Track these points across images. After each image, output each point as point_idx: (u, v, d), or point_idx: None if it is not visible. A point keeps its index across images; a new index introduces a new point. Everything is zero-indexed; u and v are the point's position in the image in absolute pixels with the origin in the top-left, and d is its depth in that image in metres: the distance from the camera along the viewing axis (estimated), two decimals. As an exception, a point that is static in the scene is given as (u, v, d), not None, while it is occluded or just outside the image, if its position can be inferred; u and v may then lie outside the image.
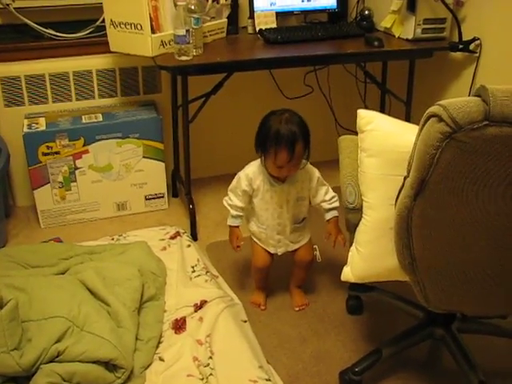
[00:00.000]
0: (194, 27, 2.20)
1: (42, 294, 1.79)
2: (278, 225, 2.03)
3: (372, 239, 1.55)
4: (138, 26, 2.19)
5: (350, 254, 1.62)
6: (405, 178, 1.37)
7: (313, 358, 1.93)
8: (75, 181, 2.55)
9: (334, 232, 2.01)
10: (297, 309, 2.14)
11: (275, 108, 3.02)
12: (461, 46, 2.46)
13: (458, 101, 1.17)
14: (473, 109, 1.14)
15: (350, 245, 1.68)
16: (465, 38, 2.47)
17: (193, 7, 2.18)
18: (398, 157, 1.46)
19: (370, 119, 1.51)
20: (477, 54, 2.46)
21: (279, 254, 2.10)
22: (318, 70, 2.93)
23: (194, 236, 2.54)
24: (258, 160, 1.97)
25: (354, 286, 2.10)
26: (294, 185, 1.96)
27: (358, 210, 1.57)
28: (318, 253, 2.36)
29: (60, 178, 2.52)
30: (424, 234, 1.37)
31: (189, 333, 1.87)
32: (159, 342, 1.83)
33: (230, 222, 2.08)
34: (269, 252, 2.10)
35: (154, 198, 2.74)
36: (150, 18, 2.19)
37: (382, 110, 3.02)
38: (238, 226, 2.08)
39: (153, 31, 2.22)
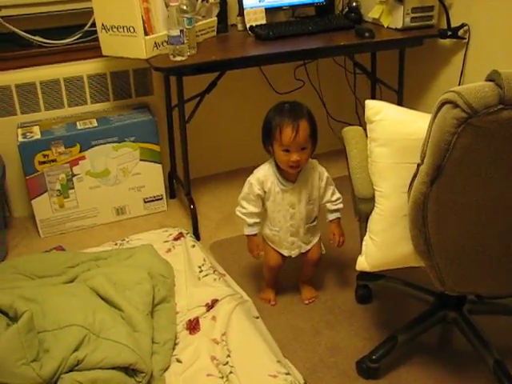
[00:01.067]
0: (188, 27, 2.19)
1: (54, 304, 1.77)
2: (292, 226, 2.01)
3: (386, 227, 1.57)
4: (131, 29, 2.18)
5: (363, 243, 1.64)
6: (418, 165, 1.39)
7: (328, 349, 1.94)
8: (73, 188, 2.54)
9: (338, 233, 2.05)
10: (306, 302, 2.16)
11: (266, 104, 3.04)
12: (449, 33, 2.50)
13: (472, 86, 1.19)
14: (487, 93, 1.16)
15: (363, 235, 1.70)
16: (453, 24, 2.50)
17: (185, 7, 2.18)
18: (409, 144, 1.48)
19: (378, 109, 1.53)
20: (465, 40, 2.50)
21: (293, 256, 2.09)
22: (308, 63, 2.94)
23: (197, 236, 2.53)
24: (267, 163, 1.97)
25: (362, 276, 2.12)
26: (304, 184, 1.95)
27: (370, 200, 1.58)
28: (322, 245, 2.37)
29: (58, 186, 2.50)
30: (440, 219, 1.39)
31: (203, 333, 1.87)
32: (175, 344, 1.84)
33: (248, 231, 2.03)
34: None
35: (152, 201, 2.73)
36: (143, 20, 2.18)
37: (374, 99, 3.05)
38: (255, 235, 2.04)
39: (145, 33, 2.21)
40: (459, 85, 2.58)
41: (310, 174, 1.95)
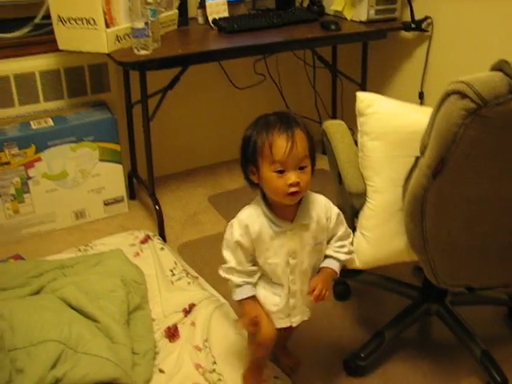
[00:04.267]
0: (152, 19, 2.08)
1: (24, 318, 1.64)
2: (293, 283, 1.47)
3: (379, 223, 1.53)
4: (91, 21, 2.05)
5: (354, 240, 1.59)
6: (417, 158, 1.36)
7: (311, 349, 1.89)
8: (28, 192, 2.37)
9: (327, 286, 1.49)
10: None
11: (227, 100, 2.98)
12: (413, 26, 2.50)
13: (481, 76, 1.16)
14: (498, 83, 1.14)
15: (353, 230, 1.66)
16: (416, 17, 2.51)
17: (148, -2, 2.07)
18: (404, 137, 1.46)
19: (370, 102, 1.49)
20: (429, 33, 2.51)
21: (294, 325, 1.54)
22: (267, 57, 2.88)
23: (163, 238, 2.42)
24: (251, 203, 1.46)
25: (341, 272, 2.09)
26: (307, 222, 1.42)
27: (362, 195, 1.54)
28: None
29: (12, 191, 2.33)
30: (439, 212, 1.37)
31: (184, 339, 1.79)
32: (155, 353, 1.75)
33: (237, 294, 1.45)
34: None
35: (113, 203, 2.60)
36: (103, 11, 2.05)
37: (334, 94, 3.04)
38: (252, 297, 1.46)
39: (106, 26, 2.09)
40: (423, 78, 2.59)
41: (313, 208, 1.43)
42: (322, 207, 1.44)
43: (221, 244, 1.50)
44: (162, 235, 2.43)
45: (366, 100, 1.49)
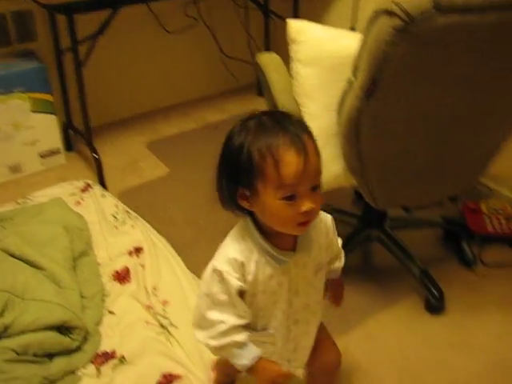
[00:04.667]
0: (75, -41, 2.01)
1: (-35, 272, 1.61)
2: (295, 323, 1.15)
3: (315, 148, 1.56)
4: (10, -38, 1.96)
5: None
6: (350, 82, 1.39)
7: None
8: (-43, 149, 2.29)
9: (342, 293, 1.35)
10: None
11: (160, 45, 2.92)
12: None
13: (406, -6, 1.19)
14: (423, 0, 1.17)
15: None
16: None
17: None
18: (336, 62, 1.48)
19: (301, 28, 1.50)
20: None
21: (299, 376, 1.27)
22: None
23: (103, 187, 2.40)
24: (236, 231, 1.08)
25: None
26: (309, 249, 1.09)
27: (299, 123, 1.57)
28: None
29: None
30: (374, 134, 1.41)
31: (134, 282, 1.80)
32: (105, 296, 1.75)
33: (245, 358, 1.07)
34: None
35: (49, 155, 2.53)
36: (22, -49, 1.96)
37: (267, 34, 3.03)
38: (260, 357, 1.09)
39: (27, -33, 2.00)
40: (355, 14, 2.61)
41: (314, 228, 1.11)
42: (322, 222, 1.14)
43: (161, 188, 1.27)
44: (103, 184, 2.41)
45: (297, 26, 1.50)
